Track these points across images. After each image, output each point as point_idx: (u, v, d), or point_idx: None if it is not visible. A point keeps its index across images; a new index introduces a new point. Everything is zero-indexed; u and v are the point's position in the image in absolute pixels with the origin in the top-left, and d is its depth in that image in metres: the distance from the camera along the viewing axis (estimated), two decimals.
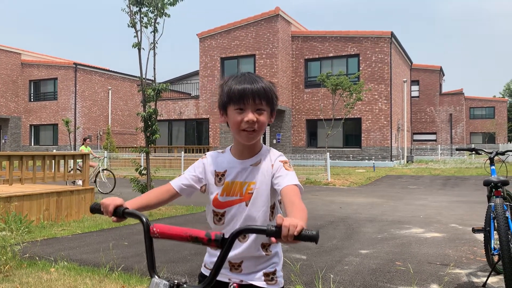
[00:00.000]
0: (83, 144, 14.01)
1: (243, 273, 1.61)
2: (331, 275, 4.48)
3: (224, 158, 1.68)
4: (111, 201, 1.48)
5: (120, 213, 1.47)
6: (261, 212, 1.59)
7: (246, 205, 1.60)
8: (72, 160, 9.83)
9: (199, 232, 1.26)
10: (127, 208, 1.48)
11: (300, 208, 1.39)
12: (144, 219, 1.36)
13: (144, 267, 4.73)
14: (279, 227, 1.21)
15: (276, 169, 1.58)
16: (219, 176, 1.65)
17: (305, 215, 1.37)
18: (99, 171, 13.27)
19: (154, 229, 1.32)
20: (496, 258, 4.07)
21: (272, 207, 1.63)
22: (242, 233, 1.26)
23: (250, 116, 1.54)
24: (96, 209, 1.52)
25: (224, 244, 1.24)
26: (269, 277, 1.62)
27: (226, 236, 1.25)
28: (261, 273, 1.61)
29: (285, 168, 1.57)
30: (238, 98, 1.55)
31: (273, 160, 1.61)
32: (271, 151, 1.66)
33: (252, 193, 1.60)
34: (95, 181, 12.97)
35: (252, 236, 1.59)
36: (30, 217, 7.16)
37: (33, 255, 5.16)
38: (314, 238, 1.19)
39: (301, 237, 1.19)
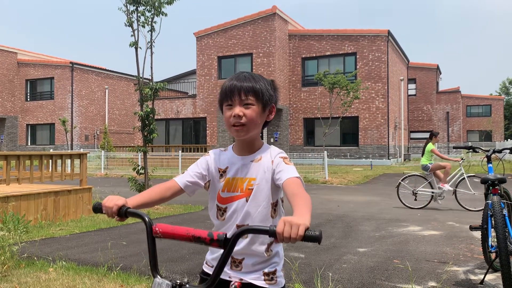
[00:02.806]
0: (429, 141, 9.65)
1: (243, 271, 1.62)
2: (330, 273, 4.49)
3: (226, 156, 1.71)
4: (114, 203, 1.48)
5: (122, 212, 1.47)
6: (260, 207, 1.61)
7: (246, 200, 1.61)
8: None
9: (202, 232, 1.26)
10: (129, 208, 1.48)
11: (303, 199, 1.40)
12: (147, 219, 1.36)
13: (143, 266, 4.73)
14: (282, 229, 1.20)
15: (276, 164, 1.60)
16: (221, 173, 1.68)
17: (309, 205, 1.38)
18: (462, 178, 9.35)
19: (157, 229, 1.32)
20: (493, 255, 4.09)
21: (274, 205, 1.64)
22: (244, 233, 1.26)
23: (237, 110, 1.59)
24: (98, 209, 1.51)
25: (227, 244, 1.24)
26: (269, 276, 1.62)
27: (229, 236, 1.25)
28: (260, 272, 1.62)
29: (285, 163, 1.59)
30: (227, 94, 1.61)
31: (273, 157, 1.63)
32: (272, 148, 1.69)
33: (252, 189, 1.61)
34: (454, 193, 9.40)
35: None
36: (28, 217, 7.14)
37: (31, 255, 5.15)
38: (317, 239, 1.18)
39: (304, 238, 1.18)
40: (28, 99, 34.17)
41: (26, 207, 7.24)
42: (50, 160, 8.43)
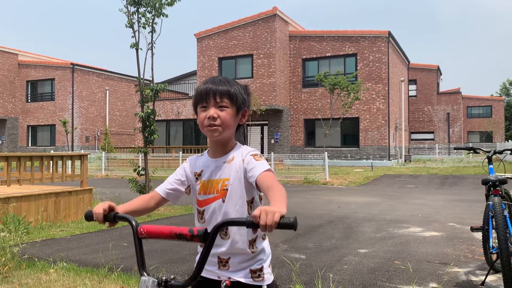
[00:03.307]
0: None
1: (230, 270, 1.65)
2: (331, 275, 4.49)
3: (201, 160, 1.77)
4: (100, 209, 1.56)
5: (111, 218, 1.56)
6: (237, 206, 1.65)
7: (223, 201, 1.65)
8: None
9: (183, 229, 1.32)
10: (117, 213, 1.56)
11: (278, 191, 1.43)
12: (133, 222, 1.44)
13: None
14: (257, 218, 1.24)
15: (247, 163, 1.63)
16: (196, 176, 1.74)
17: (284, 196, 1.41)
18: None
19: (142, 229, 1.38)
20: (494, 256, 4.08)
21: (250, 202, 1.67)
22: (222, 226, 1.30)
23: (211, 112, 1.63)
24: (89, 216, 1.60)
25: (207, 238, 1.29)
26: (256, 273, 1.65)
27: (209, 230, 1.30)
28: (247, 270, 1.65)
29: (255, 160, 1.62)
30: (202, 96, 1.66)
31: (244, 155, 1.67)
32: (243, 147, 1.72)
33: (227, 189, 1.66)
34: None
35: (233, 231, 1.64)
36: (29, 218, 7.14)
37: (32, 256, 5.15)
38: (292, 226, 1.21)
39: (279, 225, 1.22)
40: (29, 100, 34.20)
41: (26, 208, 7.25)
42: (51, 161, 8.43)
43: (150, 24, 9.32)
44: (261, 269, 1.66)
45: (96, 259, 5.09)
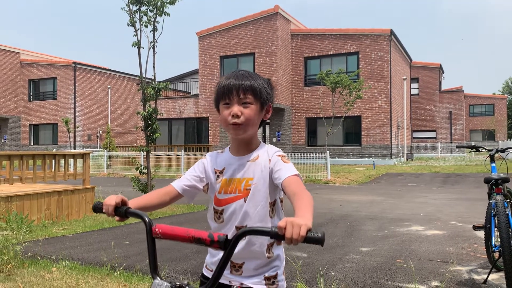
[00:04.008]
0: None
1: (243, 275, 1.59)
2: (333, 273, 4.49)
3: (222, 157, 1.69)
4: (112, 201, 1.46)
5: (122, 212, 1.45)
6: (259, 207, 1.58)
7: (245, 201, 1.58)
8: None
9: (202, 233, 1.24)
10: (130, 208, 1.46)
11: (305, 199, 1.37)
12: (147, 219, 1.34)
13: (146, 266, 4.73)
14: (283, 229, 1.17)
15: (274, 163, 1.57)
16: (217, 174, 1.65)
17: (311, 205, 1.35)
18: None
19: (157, 229, 1.30)
20: (496, 255, 4.08)
21: (272, 204, 1.61)
22: (246, 234, 1.23)
23: (235, 109, 1.55)
24: (98, 208, 1.50)
25: (227, 246, 1.22)
26: (270, 281, 1.59)
27: (230, 237, 1.23)
28: (261, 276, 1.59)
29: (283, 161, 1.56)
30: (224, 93, 1.57)
31: (270, 155, 1.60)
32: (269, 147, 1.65)
33: (250, 189, 1.58)
34: None
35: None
36: (31, 217, 7.16)
37: (35, 254, 5.17)
38: (319, 241, 1.15)
39: (306, 239, 1.16)
40: (31, 99, 34.27)
41: (29, 206, 7.27)
42: (53, 160, 8.46)
43: (152, 22, 9.33)
44: (275, 276, 1.60)
45: (99, 257, 5.11)
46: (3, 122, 34.10)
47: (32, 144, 34.10)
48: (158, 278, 1.27)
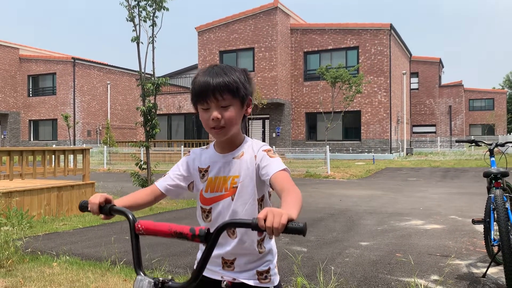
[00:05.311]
0: None
1: (235, 271, 1.58)
2: (332, 267, 4.50)
3: (207, 154, 1.64)
4: (96, 200, 1.46)
5: (107, 210, 1.45)
6: (247, 205, 1.55)
7: (232, 199, 1.55)
8: None
9: (184, 227, 1.24)
10: (114, 205, 1.46)
11: (293, 195, 1.34)
12: (130, 216, 1.35)
13: (146, 261, 4.75)
14: (263, 220, 1.15)
15: (260, 159, 1.53)
16: (202, 172, 1.62)
17: (298, 200, 1.32)
18: None
19: (139, 225, 1.30)
20: (496, 249, 4.09)
21: (261, 200, 1.58)
22: (226, 227, 1.21)
23: (214, 114, 1.49)
24: (84, 207, 1.49)
25: (209, 239, 1.21)
26: (263, 275, 1.58)
27: (211, 231, 1.22)
28: (254, 271, 1.57)
29: (269, 156, 1.52)
30: (201, 96, 1.50)
31: (256, 151, 1.56)
32: (254, 141, 1.62)
33: (236, 187, 1.55)
34: None
35: (241, 231, 1.55)
36: (31, 212, 7.18)
37: (35, 249, 5.18)
38: (301, 231, 1.12)
39: (287, 229, 1.13)
40: (31, 95, 34.23)
41: (29, 202, 7.28)
42: (53, 156, 8.46)
43: (151, 17, 9.30)
44: (268, 271, 1.59)
45: (99, 252, 5.12)
46: (2, 118, 34.07)
47: (32, 140, 34.09)
48: (141, 273, 1.27)
